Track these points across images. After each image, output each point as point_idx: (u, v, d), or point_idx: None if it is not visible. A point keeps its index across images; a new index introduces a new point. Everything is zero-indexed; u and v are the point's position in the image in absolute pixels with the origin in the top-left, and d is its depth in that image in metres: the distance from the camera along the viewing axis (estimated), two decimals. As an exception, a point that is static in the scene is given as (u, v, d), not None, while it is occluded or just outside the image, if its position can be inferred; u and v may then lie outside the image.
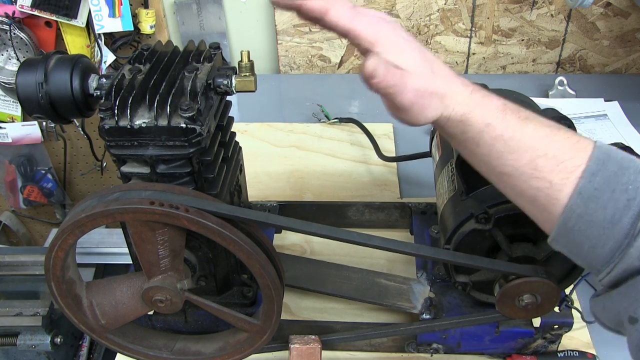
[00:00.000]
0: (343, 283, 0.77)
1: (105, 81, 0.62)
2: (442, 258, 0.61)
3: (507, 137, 0.52)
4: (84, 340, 1.21)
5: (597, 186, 0.48)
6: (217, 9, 1.37)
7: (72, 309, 0.63)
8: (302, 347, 0.71)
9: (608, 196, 0.47)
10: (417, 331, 0.72)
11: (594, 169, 0.48)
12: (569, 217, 0.49)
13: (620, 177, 0.48)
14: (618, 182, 0.48)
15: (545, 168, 0.50)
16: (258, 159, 1.11)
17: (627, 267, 0.47)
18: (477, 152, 0.54)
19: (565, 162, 0.50)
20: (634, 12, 1.29)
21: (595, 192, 0.48)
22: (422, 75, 0.52)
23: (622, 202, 0.47)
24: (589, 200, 0.48)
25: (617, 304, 0.48)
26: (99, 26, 1.29)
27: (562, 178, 0.49)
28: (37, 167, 1.59)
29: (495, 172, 0.54)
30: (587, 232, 0.49)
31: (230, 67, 0.66)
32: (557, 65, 1.39)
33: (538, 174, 0.50)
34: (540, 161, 0.50)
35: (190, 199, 0.56)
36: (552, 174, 0.50)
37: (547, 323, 0.70)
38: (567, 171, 0.49)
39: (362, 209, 0.90)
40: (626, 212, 0.47)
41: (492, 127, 0.52)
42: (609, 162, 0.49)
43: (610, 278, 0.49)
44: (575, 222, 0.49)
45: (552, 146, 0.51)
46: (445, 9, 1.32)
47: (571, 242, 0.51)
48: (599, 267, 0.49)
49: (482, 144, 0.53)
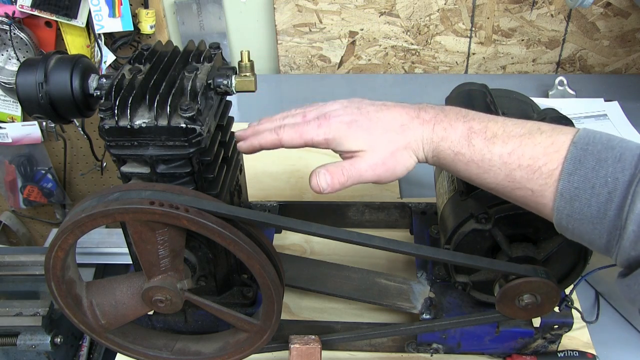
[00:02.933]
0: (343, 283, 0.77)
1: (105, 81, 0.62)
2: (442, 258, 0.61)
3: (477, 160, 0.54)
4: (84, 340, 1.21)
5: (577, 185, 0.49)
6: (217, 9, 1.37)
7: (72, 309, 0.63)
8: (302, 347, 0.71)
9: (589, 192, 0.48)
10: (417, 331, 0.72)
11: (570, 169, 0.49)
12: (560, 218, 0.51)
13: (599, 171, 0.48)
14: (597, 176, 0.48)
15: (522, 179, 0.52)
16: (258, 159, 1.10)
17: (628, 257, 0.47)
18: (459, 174, 0.58)
19: (541, 168, 0.51)
20: (634, 12, 1.29)
21: (576, 191, 0.49)
22: (377, 145, 0.57)
23: (603, 196, 0.47)
24: (573, 200, 0.49)
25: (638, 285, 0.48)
26: (99, 26, 1.29)
27: (540, 184, 0.51)
28: (37, 167, 1.59)
29: (482, 187, 0.57)
30: (580, 229, 0.50)
31: (230, 67, 0.66)
32: (557, 65, 1.39)
33: (518, 185, 0.52)
34: (516, 174, 0.52)
35: (190, 199, 0.56)
36: (530, 182, 0.51)
37: (547, 323, 0.70)
38: (543, 177, 0.51)
39: (362, 209, 0.90)
40: (610, 205, 0.47)
41: (461, 155, 0.55)
42: (586, 158, 0.49)
43: (623, 261, 0.49)
44: (567, 222, 0.50)
45: (524, 157, 0.52)
46: (445, 9, 1.32)
47: (574, 237, 0.52)
48: (608, 255, 0.50)
49: (459, 169, 0.56)
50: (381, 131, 0.58)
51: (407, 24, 1.35)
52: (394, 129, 0.57)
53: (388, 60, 1.41)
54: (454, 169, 0.57)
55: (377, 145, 0.57)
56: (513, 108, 0.74)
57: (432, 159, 0.58)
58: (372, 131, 0.58)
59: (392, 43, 1.38)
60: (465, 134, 0.55)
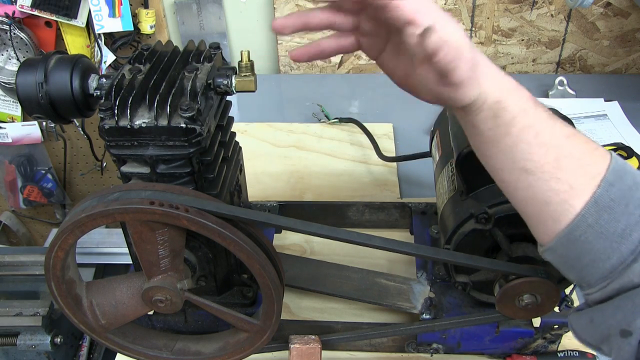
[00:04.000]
0: (343, 283, 0.77)
1: (105, 81, 0.62)
2: (442, 258, 0.61)
3: (538, 129, 0.49)
4: (84, 340, 1.21)
5: (614, 197, 0.46)
6: (217, 9, 1.37)
7: (72, 309, 0.63)
8: (302, 347, 0.71)
9: (622, 209, 0.46)
10: (417, 331, 0.72)
11: (611, 179, 0.47)
12: (578, 226, 0.47)
13: (635, 192, 0.47)
14: (633, 196, 0.47)
15: (569, 169, 0.48)
16: (258, 159, 1.11)
17: (624, 283, 0.46)
18: (504, 143, 0.50)
19: (588, 166, 0.48)
20: (634, 12, 1.29)
21: (611, 203, 0.46)
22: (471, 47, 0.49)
23: (635, 217, 0.46)
24: (603, 211, 0.47)
25: (610, 317, 0.46)
26: (99, 26, 1.29)
27: (582, 183, 0.48)
28: (37, 167, 1.59)
29: (516, 168, 0.50)
30: (593, 243, 0.47)
31: (230, 67, 0.66)
32: (557, 65, 1.39)
33: (560, 175, 0.48)
34: (565, 161, 0.48)
35: (190, 199, 0.56)
36: (574, 176, 0.48)
37: (547, 323, 0.70)
38: (588, 176, 0.48)
39: (362, 209, 0.90)
40: (637, 228, 0.46)
41: (525, 115, 0.50)
42: (626, 175, 0.47)
43: (602, 294, 0.48)
44: (583, 232, 0.47)
45: (577, 148, 0.49)
46: (445, 9, 1.32)
47: (570, 254, 0.49)
48: (593, 282, 0.48)
49: (512, 132, 0.50)
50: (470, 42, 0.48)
51: (407, 24, 1.35)
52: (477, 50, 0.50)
53: (388, 60, 1.41)
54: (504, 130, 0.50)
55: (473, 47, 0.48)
56: (513, 108, 0.74)
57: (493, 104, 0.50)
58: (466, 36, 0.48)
59: (392, 43, 1.38)
60: (532, 98, 0.51)
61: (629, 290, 0.46)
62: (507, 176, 0.52)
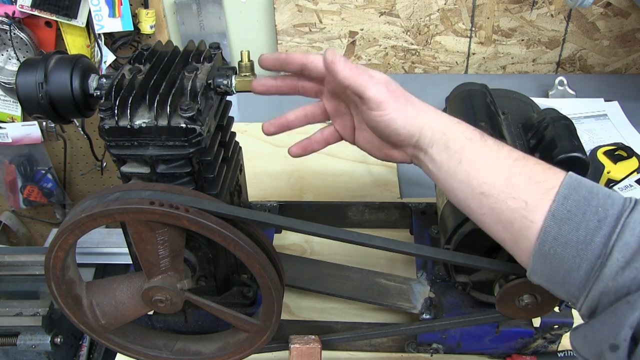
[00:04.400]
0: (343, 283, 0.77)
1: (105, 81, 0.62)
2: (442, 258, 0.61)
3: (486, 153, 0.55)
4: (84, 340, 1.21)
5: (570, 208, 0.49)
6: (217, 9, 1.37)
7: (72, 309, 0.63)
8: (302, 347, 0.71)
9: (580, 218, 0.48)
10: (417, 331, 0.72)
11: (565, 192, 0.50)
12: (545, 241, 0.50)
13: (591, 200, 0.49)
14: (589, 205, 0.49)
15: (521, 187, 0.52)
16: (258, 159, 1.11)
17: (603, 289, 0.47)
18: (460, 171, 0.55)
19: (539, 183, 0.51)
20: (634, 12, 1.29)
21: (568, 214, 0.49)
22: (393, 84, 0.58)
23: (593, 223, 0.48)
24: (562, 222, 0.49)
25: (598, 333, 0.47)
26: (99, 26, 1.29)
27: (536, 199, 0.51)
28: (37, 167, 1.59)
29: (476, 194, 0.55)
30: (563, 254, 0.49)
31: (230, 67, 0.66)
32: (557, 65, 1.39)
33: (514, 194, 0.52)
34: (515, 180, 0.52)
35: (190, 199, 0.56)
36: (527, 194, 0.51)
37: (547, 323, 0.70)
38: (540, 192, 0.51)
39: (362, 209, 0.90)
40: (597, 232, 0.47)
41: (472, 143, 0.56)
42: (579, 188, 0.50)
43: (587, 305, 0.49)
44: (550, 246, 0.49)
45: (526, 168, 0.53)
46: (445, 9, 1.32)
47: (549, 270, 0.51)
48: (576, 294, 0.50)
49: (464, 159, 0.55)
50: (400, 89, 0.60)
51: (407, 24, 1.35)
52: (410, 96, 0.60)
53: (388, 60, 1.41)
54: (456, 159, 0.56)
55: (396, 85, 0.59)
56: (513, 108, 0.74)
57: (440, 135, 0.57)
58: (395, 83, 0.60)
59: (392, 43, 1.38)
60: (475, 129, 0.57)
61: (610, 296, 0.47)
62: (471, 203, 0.56)
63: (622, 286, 0.46)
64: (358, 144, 0.68)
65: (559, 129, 0.66)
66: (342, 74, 0.57)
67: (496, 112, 0.71)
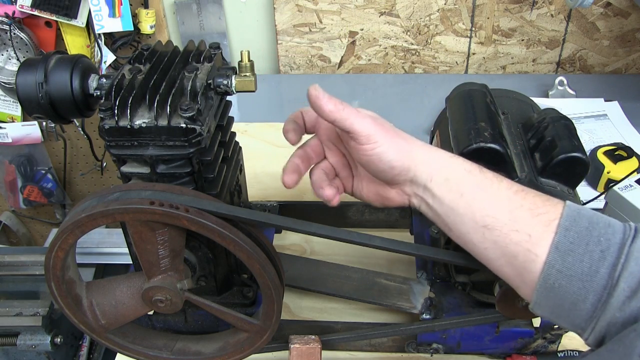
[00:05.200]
0: (343, 283, 0.77)
1: (105, 81, 0.62)
2: (442, 258, 0.61)
3: (487, 185, 0.54)
4: (84, 340, 1.21)
5: (572, 240, 0.49)
6: (217, 9, 1.37)
7: (72, 309, 0.63)
8: (302, 347, 0.71)
9: (583, 249, 0.48)
10: (417, 331, 0.72)
11: (566, 224, 0.49)
12: (549, 274, 0.49)
13: (592, 231, 0.49)
14: (591, 235, 0.49)
15: (523, 220, 0.51)
16: (258, 159, 1.11)
17: (610, 319, 0.47)
18: (462, 205, 0.55)
19: (541, 215, 0.51)
20: (634, 12, 1.30)
21: (571, 246, 0.48)
22: (381, 119, 0.59)
23: (596, 254, 0.48)
24: (566, 255, 0.48)
25: None
26: (99, 26, 1.29)
27: (539, 231, 0.50)
28: (37, 167, 1.59)
29: (479, 227, 0.54)
30: (568, 287, 0.49)
31: (230, 67, 0.66)
32: (557, 65, 1.39)
33: (518, 226, 0.51)
34: (518, 212, 0.52)
35: (190, 199, 0.56)
36: (530, 226, 0.51)
37: (547, 323, 0.70)
38: (543, 224, 0.50)
39: (362, 209, 0.90)
40: (602, 263, 0.47)
41: (472, 174, 0.55)
42: (580, 218, 0.50)
43: (595, 335, 0.49)
44: (555, 279, 0.49)
45: (526, 200, 0.53)
46: (445, 9, 1.32)
47: (553, 303, 0.50)
48: (583, 325, 0.49)
49: (465, 193, 0.55)
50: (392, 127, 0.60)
51: (407, 24, 1.35)
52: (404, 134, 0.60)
53: (388, 60, 1.41)
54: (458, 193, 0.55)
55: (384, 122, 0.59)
56: (513, 108, 0.74)
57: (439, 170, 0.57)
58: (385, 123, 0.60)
59: (392, 43, 1.38)
60: (473, 163, 0.57)
61: (617, 326, 0.47)
62: (473, 237, 0.55)
63: (629, 315, 0.46)
64: (356, 194, 0.67)
65: (559, 129, 0.66)
66: (326, 107, 0.56)
67: (496, 112, 0.71)
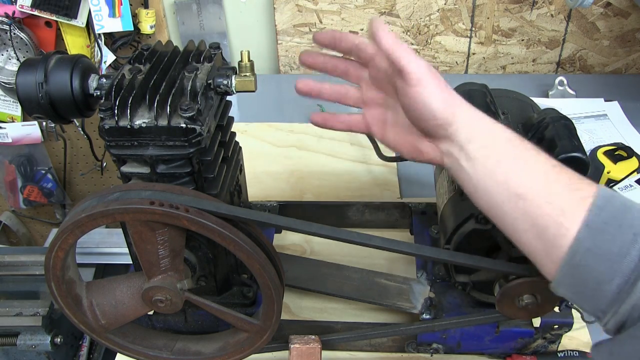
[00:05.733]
0: (343, 283, 0.77)
1: (105, 81, 0.62)
2: (442, 258, 0.61)
3: (526, 156, 0.54)
4: (84, 340, 1.21)
5: (605, 220, 0.48)
6: (217, 9, 1.37)
7: (72, 309, 0.63)
8: (302, 347, 0.71)
9: (615, 230, 0.47)
10: (417, 331, 0.72)
11: (600, 203, 0.48)
12: (576, 251, 0.48)
13: (626, 213, 0.48)
14: (624, 217, 0.48)
15: (558, 193, 0.50)
16: (258, 159, 1.11)
17: (635, 303, 0.46)
18: (498, 171, 0.53)
19: (576, 191, 0.50)
20: (634, 12, 1.29)
21: (604, 226, 0.48)
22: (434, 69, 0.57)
23: (629, 236, 0.47)
24: (597, 233, 0.48)
25: (628, 347, 0.46)
26: (99, 26, 1.29)
27: (572, 206, 0.49)
28: (37, 167, 1.59)
29: (512, 195, 0.52)
30: (594, 267, 0.48)
31: (230, 67, 0.66)
32: (557, 65, 1.39)
33: (552, 199, 0.50)
34: (553, 186, 0.51)
35: (190, 199, 0.56)
36: (564, 200, 0.50)
37: (547, 323, 0.70)
38: (577, 200, 0.49)
39: (362, 209, 0.90)
40: (633, 245, 0.46)
41: (513, 143, 0.54)
42: (614, 199, 0.49)
43: (616, 320, 0.48)
44: (582, 257, 0.48)
45: (562, 175, 0.52)
46: (445, 9, 1.32)
47: (577, 281, 0.49)
48: (604, 308, 0.48)
49: (503, 159, 0.54)
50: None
51: (407, 24, 1.35)
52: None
53: (388, 60, 1.41)
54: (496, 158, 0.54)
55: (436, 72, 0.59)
56: (513, 108, 0.74)
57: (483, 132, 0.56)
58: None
59: (392, 43, 1.38)
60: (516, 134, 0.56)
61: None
62: (505, 206, 0.53)
63: None
64: (386, 140, 0.64)
65: (559, 128, 0.66)
66: (384, 41, 0.55)
67: (496, 112, 0.71)
